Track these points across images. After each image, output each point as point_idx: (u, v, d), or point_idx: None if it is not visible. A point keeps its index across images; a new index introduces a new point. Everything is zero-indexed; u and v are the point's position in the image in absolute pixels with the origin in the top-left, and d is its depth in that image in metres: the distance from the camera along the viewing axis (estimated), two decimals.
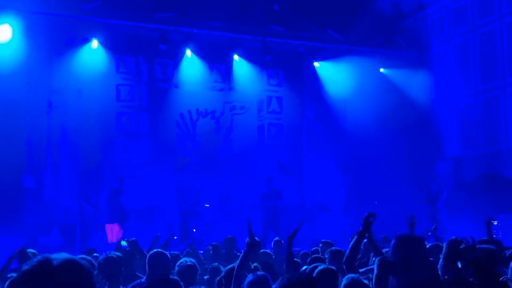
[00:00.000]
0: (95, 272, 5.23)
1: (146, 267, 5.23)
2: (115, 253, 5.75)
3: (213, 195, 15.79)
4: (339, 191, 17.12)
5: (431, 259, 5.34)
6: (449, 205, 14.61)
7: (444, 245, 4.54)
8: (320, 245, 8.61)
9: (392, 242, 3.28)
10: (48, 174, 14.97)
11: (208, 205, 15.15)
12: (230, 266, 5.10)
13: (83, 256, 5.86)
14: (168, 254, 5.32)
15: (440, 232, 10.30)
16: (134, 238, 7.25)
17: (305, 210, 15.96)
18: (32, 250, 7.11)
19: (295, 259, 7.91)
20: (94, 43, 15.36)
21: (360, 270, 4.53)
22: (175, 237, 12.87)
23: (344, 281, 4.01)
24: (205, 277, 6.17)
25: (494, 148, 15.60)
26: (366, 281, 4.00)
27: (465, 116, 16.68)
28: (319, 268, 4.88)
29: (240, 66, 17.41)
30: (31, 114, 14.62)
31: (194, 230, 13.58)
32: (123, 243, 7.58)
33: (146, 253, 6.52)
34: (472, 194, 15.28)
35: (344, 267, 4.61)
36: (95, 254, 7.19)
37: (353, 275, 4.01)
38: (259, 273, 4.42)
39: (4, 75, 13.93)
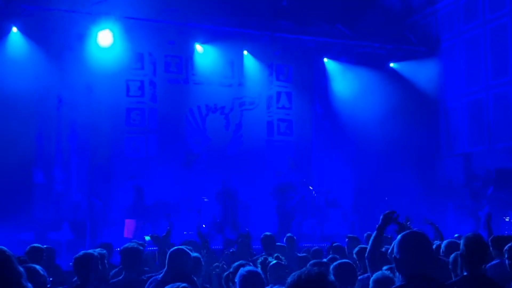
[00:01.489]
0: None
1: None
2: (138, 243, 5.92)
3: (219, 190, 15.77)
4: (348, 186, 17.12)
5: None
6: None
7: (462, 242, 4.55)
8: (346, 239, 8.66)
9: (397, 238, 3.32)
10: (58, 169, 15.03)
11: (206, 199, 15.09)
12: (238, 262, 5.11)
13: (97, 250, 5.89)
14: (189, 252, 5.17)
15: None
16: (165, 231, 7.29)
17: (315, 206, 15.93)
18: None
19: (303, 254, 7.93)
20: (104, 39, 15.33)
21: (384, 268, 4.52)
22: (203, 225, 12.96)
23: (373, 277, 4.08)
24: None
25: (504, 143, 15.50)
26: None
27: (475, 112, 16.59)
28: (337, 262, 4.94)
29: (249, 61, 17.38)
30: (41, 109, 14.68)
31: (204, 225, 13.59)
32: (147, 238, 7.64)
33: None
34: (482, 190, 15.19)
35: (366, 262, 4.63)
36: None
37: (383, 272, 4.07)
38: (250, 267, 4.44)
39: (13, 71, 14.01)
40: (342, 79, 17.96)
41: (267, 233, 8.36)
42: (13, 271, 2.10)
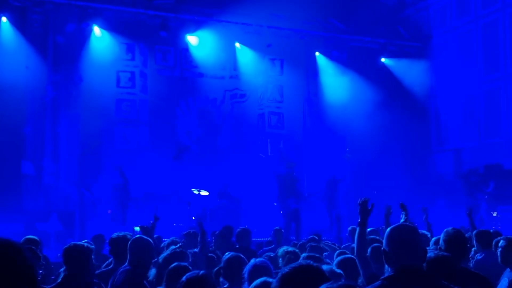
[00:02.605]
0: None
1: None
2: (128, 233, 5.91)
3: (212, 183, 15.73)
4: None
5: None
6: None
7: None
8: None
9: (386, 231, 3.32)
10: (47, 160, 14.93)
11: (197, 192, 15.03)
12: (228, 255, 5.09)
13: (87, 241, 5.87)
14: (150, 241, 5.27)
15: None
16: (150, 223, 7.24)
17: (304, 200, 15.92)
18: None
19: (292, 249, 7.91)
20: (96, 30, 15.28)
21: None
22: (193, 217, 12.93)
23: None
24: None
25: (495, 139, 15.56)
26: None
27: (467, 107, 16.64)
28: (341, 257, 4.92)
29: (242, 54, 17.33)
30: (30, 101, 14.57)
31: (193, 217, 13.55)
32: (136, 228, 7.61)
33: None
34: (472, 185, 15.25)
35: (357, 261, 4.51)
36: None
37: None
38: (260, 259, 4.44)
39: (2, 61, 13.89)
40: (334, 73, 17.95)
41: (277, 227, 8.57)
42: (26, 266, 2.03)
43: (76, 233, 13.09)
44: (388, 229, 3.34)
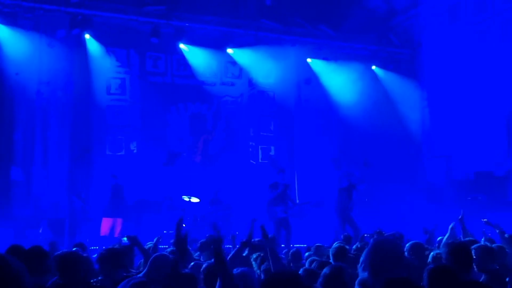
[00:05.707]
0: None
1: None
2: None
3: (203, 191, 15.69)
4: (330, 187, 17.11)
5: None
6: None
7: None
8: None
9: (370, 245, 3.33)
10: (37, 167, 14.85)
11: (188, 198, 14.96)
12: (209, 262, 5.12)
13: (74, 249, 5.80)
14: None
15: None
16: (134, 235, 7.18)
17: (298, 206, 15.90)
18: None
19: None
20: (87, 36, 15.25)
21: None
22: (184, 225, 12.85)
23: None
24: None
25: (484, 147, 15.62)
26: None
27: (458, 114, 16.69)
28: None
29: (232, 60, 17.33)
30: (20, 107, 14.49)
31: (184, 225, 13.49)
32: (124, 239, 7.55)
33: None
34: (462, 191, 15.30)
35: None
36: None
37: None
38: (243, 268, 4.46)
39: None
40: (325, 79, 18.00)
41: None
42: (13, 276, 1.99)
43: (65, 241, 13.00)
44: (371, 244, 3.36)
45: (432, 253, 6.08)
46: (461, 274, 4.26)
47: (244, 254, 6.85)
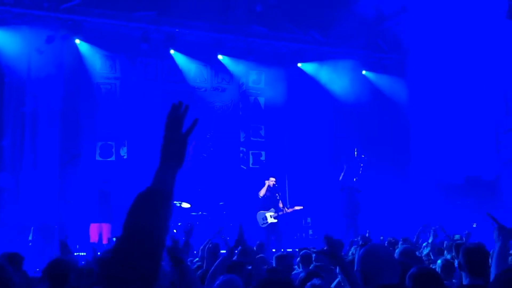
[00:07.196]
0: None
1: None
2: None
3: (194, 196, 15.67)
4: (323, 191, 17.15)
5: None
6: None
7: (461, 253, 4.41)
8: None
9: (361, 251, 3.34)
10: (26, 173, 14.74)
11: (178, 204, 14.91)
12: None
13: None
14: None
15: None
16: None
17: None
18: None
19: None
20: (77, 42, 15.21)
21: None
22: (175, 230, 12.88)
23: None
24: None
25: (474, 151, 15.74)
26: None
27: (445, 120, 16.80)
28: None
29: (223, 66, 17.35)
30: (8, 111, 14.41)
31: (175, 231, 13.48)
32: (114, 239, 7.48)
33: None
34: (452, 196, 15.40)
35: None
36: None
37: None
38: (229, 275, 4.45)
39: None
40: (314, 84, 18.07)
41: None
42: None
43: (55, 247, 12.91)
44: (362, 249, 3.37)
45: (439, 261, 5.99)
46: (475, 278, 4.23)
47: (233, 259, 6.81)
